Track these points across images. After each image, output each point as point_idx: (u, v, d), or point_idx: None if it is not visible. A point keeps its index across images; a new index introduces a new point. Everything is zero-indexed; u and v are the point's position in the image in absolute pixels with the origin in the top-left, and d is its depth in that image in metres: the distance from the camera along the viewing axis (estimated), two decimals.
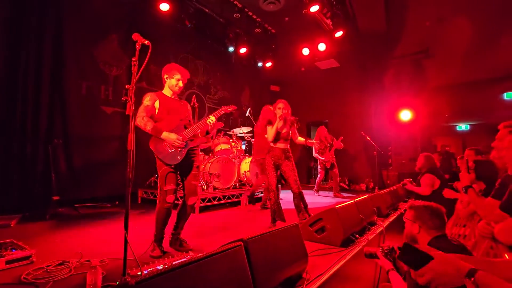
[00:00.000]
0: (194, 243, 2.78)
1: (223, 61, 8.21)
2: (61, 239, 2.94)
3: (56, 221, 3.68)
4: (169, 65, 2.65)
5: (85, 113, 5.07)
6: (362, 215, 3.13)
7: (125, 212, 1.75)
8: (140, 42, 1.96)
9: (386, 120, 7.96)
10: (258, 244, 1.68)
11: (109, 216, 4.09)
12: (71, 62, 4.89)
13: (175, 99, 2.66)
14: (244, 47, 7.78)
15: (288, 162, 3.52)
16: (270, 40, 8.31)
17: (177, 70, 2.62)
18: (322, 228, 2.84)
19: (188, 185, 2.62)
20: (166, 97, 2.62)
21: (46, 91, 4.56)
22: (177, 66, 2.66)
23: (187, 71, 2.69)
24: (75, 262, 2.21)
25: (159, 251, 2.47)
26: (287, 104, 3.54)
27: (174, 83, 2.60)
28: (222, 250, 1.45)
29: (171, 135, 2.42)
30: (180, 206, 2.69)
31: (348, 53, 8.08)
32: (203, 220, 3.98)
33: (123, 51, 5.61)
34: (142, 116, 2.42)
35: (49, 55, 4.61)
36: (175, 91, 2.64)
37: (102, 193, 5.07)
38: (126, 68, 5.66)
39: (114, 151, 5.32)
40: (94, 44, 5.25)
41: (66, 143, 4.75)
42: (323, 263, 2.28)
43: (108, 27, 5.46)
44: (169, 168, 2.47)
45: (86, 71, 5.12)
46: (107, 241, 2.88)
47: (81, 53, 5.05)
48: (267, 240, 1.79)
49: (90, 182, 5.00)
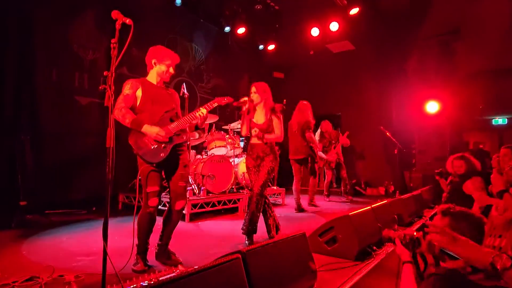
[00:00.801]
0: (184, 255, 2.80)
1: (218, 43, 8.19)
2: (29, 250, 2.95)
3: (23, 230, 3.69)
4: (157, 48, 2.66)
5: (57, 104, 5.07)
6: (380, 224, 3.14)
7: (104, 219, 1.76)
8: (121, 21, 1.96)
9: (409, 113, 7.95)
10: (258, 257, 1.69)
11: (85, 225, 4.11)
12: (39, 45, 4.88)
13: (161, 87, 2.67)
14: (242, 26, 7.75)
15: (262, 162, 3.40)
16: (273, 18, 8.26)
17: (167, 54, 2.64)
18: (333, 239, 2.85)
19: (175, 187, 2.63)
20: (151, 85, 2.62)
21: (11, 79, 4.55)
22: (166, 49, 2.68)
23: (177, 55, 2.71)
24: (46, 278, 2.23)
25: (143, 264, 2.49)
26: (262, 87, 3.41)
27: (164, 69, 2.62)
28: (217, 263, 1.46)
29: (153, 128, 2.43)
30: (166, 213, 2.70)
31: (364, 34, 8.04)
32: (194, 229, 3.99)
33: (100, 31, 5.60)
34: (121, 107, 2.43)
35: (14, 37, 4.59)
36: (164, 78, 2.65)
37: (77, 197, 5.08)
38: (104, 52, 5.64)
39: (91, 149, 5.33)
40: (67, 23, 5.23)
41: (34, 139, 4.76)
42: (335, 279, 2.30)
43: (83, 4, 5.44)
44: (151, 166, 2.48)
45: (57, 55, 5.11)
46: (83, 253, 2.89)
47: (51, 34, 5.03)
48: (269, 252, 1.80)
49: (63, 185, 5.01)
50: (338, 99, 8.96)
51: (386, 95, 8.27)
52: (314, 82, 9.26)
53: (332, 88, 9.02)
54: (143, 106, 2.53)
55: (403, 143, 7.22)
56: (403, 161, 7.66)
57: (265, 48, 8.67)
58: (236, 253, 1.60)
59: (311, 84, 9.32)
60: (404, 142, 7.37)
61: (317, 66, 9.14)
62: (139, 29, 2.16)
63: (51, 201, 4.81)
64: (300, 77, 9.61)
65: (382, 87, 8.27)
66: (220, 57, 8.27)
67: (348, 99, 8.76)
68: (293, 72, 9.84)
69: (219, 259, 1.53)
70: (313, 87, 9.26)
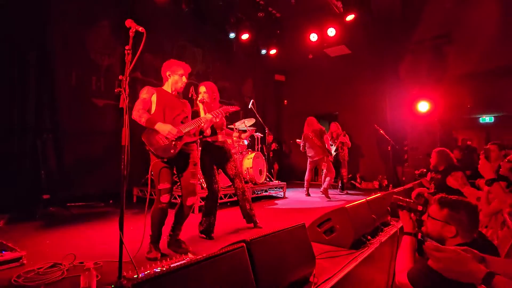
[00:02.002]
0: (193, 244, 2.82)
1: (224, 48, 8.17)
2: (52, 240, 2.99)
3: (46, 221, 3.74)
4: (170, 61, 2.71)
5: (76, 106, 5.11)
6: (374, 215, 3.14)
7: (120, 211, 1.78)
8: (134, 29, 1.96)
9: (402, 112, 7.90)
10: (261, 246, 1.70)
11: (103, 216, 4.15)
12: (59, 51, 4.91)
13: (174, 96, 2.70)
14: (246, 33, 7.73)
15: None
16: (274, 25, 8.23)
17: (180, 66, 2.68)
18: (331, 229, 2.86)
19: (186, 185, 2.65)
20: (165, 92, 2.67)
21: (33, 83, 4.59)
22: (178, 61, 2.72)
23: (188, 65, 2.75)
24: (68, 265, 2.26)
25: (156, 252, 2.52)
26: (211, 87, 3.29)
27: (177, 79, 2.66)
28: (224, 251, 1.47)
29: (165, 126, 2.46)
30: (178, 207, 2.73)
31: (360, 39, 7.98)
32: None
33: (115, 38, 5.62)
34: (139, 108, 2.48)
35: (36, 44, 4.63)
36: (178, 88, 2.70)
37: (95, 191, 5.13)
38: (119, 57, 5.67)
39: (107, 147, 5.37)
40: (85, 31, 5.26)
41: (55, 138, 4.80)
42: (332, 266, 2.30)
43: (100, 13, 5.46)
44: (162, 163, 2.50)
45: (76, 61, 5.14)
46: (101, 242, 2.93)
47: (70, 41, 5.06)
48: (271, 242, 1.81)
49: (82, 180, 5.06)
50: (335, 99, 8.93)
51: (380, 95, 8.22)
52: (313, 84, 9.23)
53: (330, 89, 8.98)
54: (157, 109, 2.57)
55: (396, 140, 7.20)
56: (396, 157, 7.63)
57: (267, 52, 8.64)
58: (241, 242, 1.61)
59: (310, 86, 9.30)
60: (397, 139, 7.34)
61: (316, 69, 9.10)
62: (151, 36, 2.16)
63: (72, 194, 4.86)
64: (300, 80, 9.58)
65: (377, 88, 8.22)
66: (225, 62, 8.25)
67: (345, 99, 8.73)
68: (293, 75, 9.81)
69: (225, 247, 1.54)
70: (312, 88, 9.24)
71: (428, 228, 1.52)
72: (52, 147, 4.76)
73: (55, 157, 4.80)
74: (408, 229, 1.56)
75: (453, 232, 1.42)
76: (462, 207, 1.44)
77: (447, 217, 1.44)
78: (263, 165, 5.90)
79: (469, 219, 1.42)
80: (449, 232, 1.43)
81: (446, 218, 1.45)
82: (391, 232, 3.17)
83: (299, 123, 9.57)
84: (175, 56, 6.84)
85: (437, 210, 1.49)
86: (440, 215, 1.47)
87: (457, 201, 1.48)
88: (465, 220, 1.41)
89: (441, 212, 1.47)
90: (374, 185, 7.85)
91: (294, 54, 8.83)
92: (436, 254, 1.11)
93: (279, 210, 4.87)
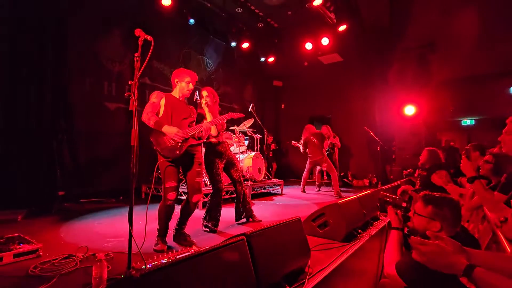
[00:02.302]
0: (197, 237, 2.82)
1: (226, 56, 8.17)
2: (66, 233, 2.99)
3: (61, 216, 3.74)
4: (178, 70, 2.73)
5: (89, 109, 5.10)
6: (364, 210, 3.13)
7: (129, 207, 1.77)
8: (143, 38, 1.96)
9: (390, 115, 7.90)
10: (260, 239, 1.70)
11: (114, 211, 4.13)
12: (73, 58, 4.90)
13: (182, 101, 2.70)
14: (246, 42, 7.73)
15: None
16: (272, 34, 8.24)
17: (187, 74, 2.69)
18: (324, 223, 2.85)
19: (192, 183, 2.65)
20: (173, 98, 2.67)
21: (50, 88, 4.58)
22: (185, 70, 2.74)
23: (195, 74, 2.77)
24: (81, 256, 2.25)
25: (163, 245, 2.51)
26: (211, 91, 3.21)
27: (184, 85, 2.67)
28: (226, 244, 1.47)
29: (172, 129, 2.45)
30: (184, 203, 2.73)
31: (351, 48, 8.00)
32: None
33: (125, 46, 5.61)
34: (148, 111, 2.48)
35: (51, 51, 4.62)
36: (185, 93, 2.70)
37: (107, 188, 5.11)
38: (129, 64, 5.66)
39: (118, 147, 5.36)
40: (97, 40, 5.26)
41: (70, 139, 4.79)
42: (326, 257, 2.30)
43: (111, 23, 5.46)
44: (167, 162, 2.50)
45: (89, 67, 5.14)
46: (112, 235, 2.92)
47: (83, 49, 5.05)
48: (269, 235, 1.80)
49: (95, 178, 5.05)
50: (328, 103, 8.93)
51: (370, 99, 8.23)
52: (308, 89, 9.23)
53: (324, 94, 8.99)
54: (165, 113, 2.57)
55: (384, 141, 7.20)
56: (384, 156, 7.63)
57: (266, 60, 8.63)
58: (241, 235, 1.61)
59: (305, 90, 9.30)
60: (385, 140, 7.34)
61: (311, 76, 9.10)
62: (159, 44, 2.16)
63: (85, 191, 4.85)
64: (296, 85, 9.58)
65: (367, 93, 8.23)
66: (227, 68, 8.25)
67: (337, 103, 8.74)
68: (290, 81, 9.81)
69: (227, 240, 1.54)
70: (307, 93, 9.24)
71: (415, 223, 1.51)
72: (67, 147, 4.75)
73: (70, 157, 4.79)
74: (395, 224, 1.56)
75: (438, 227, 1.40)
76: (446, 204, 1.42)
77: (431, 214, 1.43)
78: (262, 164, 5.89)
79: (452, 214, 1.40)
80: (434, 227, 1.41)
81: (431, 214, 1.43)
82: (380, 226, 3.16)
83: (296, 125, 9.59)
84: (180, 63, 6.85)
85: (422, 207, 1.47)
86: (425, 212, 1.45)
87: (441, 198, 1.46)
88: (448, 216, 1.40)
89: (426, 209, 1.45)
90: (365, 183, 7.85)
91: (291, 61, 8.84)
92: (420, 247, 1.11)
93: (277, 205, 4.87)
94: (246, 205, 3.51)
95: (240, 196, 3.47)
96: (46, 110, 4.52)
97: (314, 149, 6.00)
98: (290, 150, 9.85)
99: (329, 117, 8.98)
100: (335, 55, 8.33)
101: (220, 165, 3.22)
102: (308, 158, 6.16)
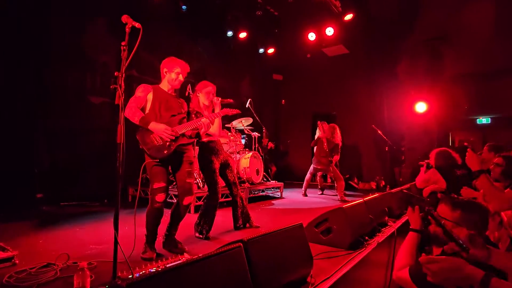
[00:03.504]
0: (189, 244, 2.81)
1: (221, 47, 8.14)
2: (45, 239, 2.96)
3: (39, 220, 3.71)
4: (168, 59, 2.69)
5: (70, 104, 5.06)
6: (371, 216, 3.14)
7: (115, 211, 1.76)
8: (130, 25, 1.94)
9: (399, 113, 7.93)
10: (258, 246, 1.69)
11: (98, 216, 4.11)
12: (54, 48, 4.86)
13: (171, 95, 2.67)
14: (244, 31, 7.71)
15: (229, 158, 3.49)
16: (272, 24, 8.23)
17: (177, 64, 2.65)
18: (328, 229, 2.86)
19: (182, 184, 2.63)
20: (162, 91, 2.63)
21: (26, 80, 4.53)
22: (176, 59, 2.70)
23: (187, 64, 2.73)
24: (61, 264, 2.24)
25: (152, 252, 2.50)
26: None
27: (173, 77, 2.63)
28: (220, 251, 1.46)
29: (159, 125, 2.43)
30: (174, 206, 2.71)
31: (358, 39, 8.01)
32: None
33: (111, 35, 5.56)
34: (132, 106, 2.45)
35: (30, 40, 4.57)
36: (175, 85, 2.67)
37: (90, 190, 5.08)
38: (115, 54, 5.61)
39: (102, 145, 5.32)
40: (80, 27, 5.21)
41: (49, 136, 4.76)
42: (329, 266, 2.30)
43: (95, 9, 5.41)
44: (154, 162, 2.48)
45: (70, 58, 5.09)
46: (95, 242, 2.90)
47: (65, 38, 5.01)
48: (268, 241, 1.80)
49: (77, 178, 5.01)
50: (333, 99, 8.94)
51: (378, 95, 8.25)
52: (311, 83, 9.23)
53: (328, 89, 8.99)
54: (153, 108, 2.54)
55: (393, 140, 7.22)
56: (393, 157, 7.67)
57: (265, 51, 8.63)
58: (237, 242, 1.60)
59: (308, 85, 9.30)
60: (394, 140, 7.37)
61: (314, 69, 9.11)
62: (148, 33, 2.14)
63: (66, 193, 4.82)
64: (298, 79, 9.58)
65: (374, 88, 8.25)
66: (223, 60, 8.23)
67: (343, 99, 8.75)
68: (291, 74, 9.81)
69: (222, 247, 1.53)
70: (310, 88, 9.24)
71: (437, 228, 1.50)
72: (45, 145, 4.71)
73: (49, 156, 4.75)
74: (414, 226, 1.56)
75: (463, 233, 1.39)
76: (476, 209, 1.43)
77: (459, 219, 1.42)
78: (260, 165, 5.89)
79: (481, 221, 1.41)
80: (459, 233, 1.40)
81: (458, 219, 1.42)
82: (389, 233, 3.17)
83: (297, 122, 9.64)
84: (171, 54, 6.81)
85: (448, 210, 1.47)
86: (451, 216, 1.44)
87: (471, 203, 1.47)
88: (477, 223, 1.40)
89: (453, 213, 1.44)
90: (372, 186, 7.87)
91: (292, 53, 8.84)
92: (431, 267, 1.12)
93: (276, 210, 4.87)
94: (243, 210, 3.51)
95: (237, 200, 3.46)
96: (22, 104, 4.48)
97: (321, 155, 5.97)
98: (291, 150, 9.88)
99: (334, 115, 8.99)
100: (340, 47, 8.34)
101: (217, 165, 3.21)
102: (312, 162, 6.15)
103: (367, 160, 8.42)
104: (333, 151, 5.98)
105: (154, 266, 2.02)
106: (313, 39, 7.89)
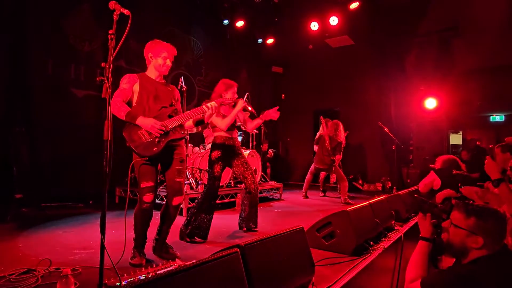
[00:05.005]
0: (181, 249, 2.80)
1: (217, 36, 8.13)
2: (25, 243, 2.94)
3: (18, 223, 3.68)
4: (153, 42, 2.63)
5: (52, 97, 5.03)
6: (377, 219, 3.16)
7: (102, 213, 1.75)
8: (118, 12, 1.92)
9: (407, 109, 7.97)
10: (257, 251, 1.69)
11: (82, 218, 4.09)
12: (34, 36, 4.81)
13: (160, 83, 2.63)
14: (241, 19, 7.69)
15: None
16: (272, 11, 8.20)
17: (163, 47, 2.59)
18: (331, 234, 2.87)
19: (172, 183, 2.62)
20: (149, 80, 2.59)
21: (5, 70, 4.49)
22: (161, 42, 2.64)
23: (173, 47, 2.66)
24: (43, 271, 2.22)
25: (141, 258, 2.49)
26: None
27: (160, 62, 2.58)
28: (216, 257, 1.46)
29: (148, 120, 2.39)
30: (163, 208, 2.70)
31: (364, 29, 8.02)
32: None
33: (97, 22, 5.53)
34: (116, 100, 2.41)
35: (7, 27, 4.52)
36: (162, 71, 2.62)
37: (74, 190, 5.06)
38: (101, 44, 5.58)
39: (87, 142, 5.29)
40: (62, 14, 5.16)
41: (29, 132, 4.72)
42: (332, 273, 2.31)
43: None
44: (143, 160, 2.46)
45: (52, 47, 5.05)
46: (80, 247, 2.88)
47: (46, 24, 4.96)
48: (267, 247, 1.80)
49: (59, 178, 4.99)
50: (337, 94, 8.96)
51: (385, 90, 8.27)
52: (313, 77, 9.24)
53: (331, 83, 9.00)
54: (140, 100, 2.50)
55: (401, 139, 7.26)
56: (400, 157, 7.69)
57: (264, 41, 8.61)
58: (234, 247, 1.60)
59: (310, 79, 9.31)
60: (402, 138, 7.40)
61: (316, 61, 9.11)
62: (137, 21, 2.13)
63: (47, 194, 4.79)
64: (299, 72, 9.58)
65: (381, 82, 8.27)
66: (218, 51, 8.21)
67: (347, 94, 8.76)
68: (291, 67, 9.81)
69: (218, 253, 1.53)
70: (312, 82, 9.25)
71: (450, 236, 1.51)
72: (25, 142, 4.68)
73: (29, 153, 4.72)
74: (425, 234, 1.56)
75: (479, 243, 1.41)
76: (491, 216, 1.43)
77: (473, 227, 1.43)
78: (258, 164, 5.89)
79: (497, 229, 1.41)
80: (474, 242, 1.42)
81: (473, 227, 1.43)
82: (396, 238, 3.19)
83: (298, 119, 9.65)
84: None
85: (462, 218, 1.48)
86: (465, 224, 1.45)
87: (486, 209, 1.47)
88: (493, 230, 1.41)
89: (467, 221, 1.45)
90: (377, 187, 7.92)
91: (293, 44, 8.83)
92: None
93: (275, 213, 4.88)
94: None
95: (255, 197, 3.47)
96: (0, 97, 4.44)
97: (323, 154, 6.00)
98: (291, 149, 9.89)
99: (338, 111, 9.01)
100: (345, 38, 8.35)
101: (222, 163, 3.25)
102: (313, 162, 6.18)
103: (373, 160, 8.46)
104: (336, 150, 6.00)
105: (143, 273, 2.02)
106: (316, 29, 7.89)
